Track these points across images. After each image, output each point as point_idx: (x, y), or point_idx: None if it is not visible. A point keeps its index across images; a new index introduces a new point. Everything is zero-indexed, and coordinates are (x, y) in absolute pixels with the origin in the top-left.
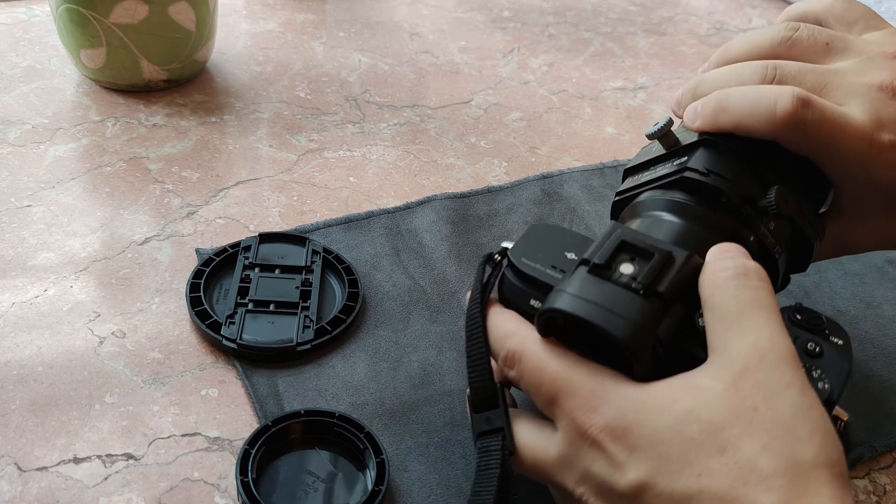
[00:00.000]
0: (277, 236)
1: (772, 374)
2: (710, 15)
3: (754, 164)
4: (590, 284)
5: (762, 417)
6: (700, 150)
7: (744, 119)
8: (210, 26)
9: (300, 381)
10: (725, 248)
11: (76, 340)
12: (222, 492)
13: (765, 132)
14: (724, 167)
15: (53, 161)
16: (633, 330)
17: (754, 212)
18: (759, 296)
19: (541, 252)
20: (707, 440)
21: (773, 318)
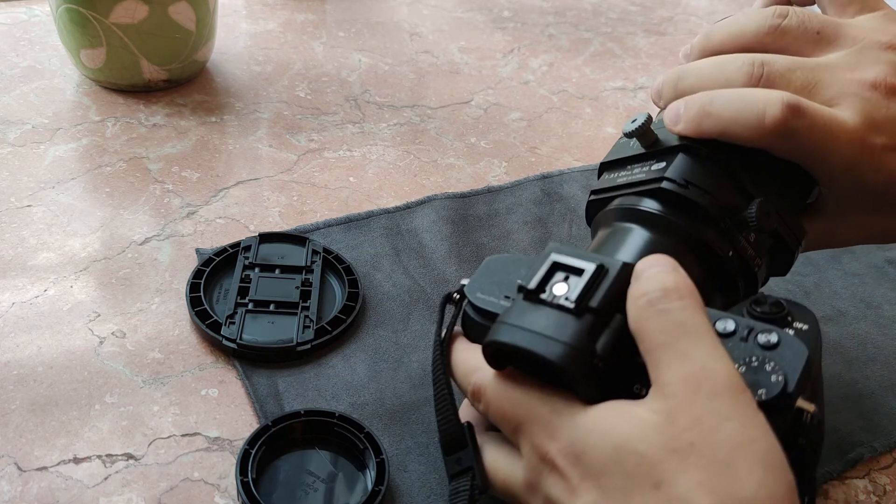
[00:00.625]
0: (277, 236)
1: (709, 407)
2: (710, 15)
3: (736, 172)
4: (525, 311)
5: (699, 452)
6: (679, 158)
7: (730, 126)
8: (210, 26)
9: (300, 381)
10: (644, 267)
11: (76, 340)
12: (222, 492)
13: (752, 140)
14: (703, 177)
15: (53, 161)
16: (567, 351)
17: (734, 224)
18: (683, 319)
19: (495, 284)
20: (642, 474)
21: (703, 342)
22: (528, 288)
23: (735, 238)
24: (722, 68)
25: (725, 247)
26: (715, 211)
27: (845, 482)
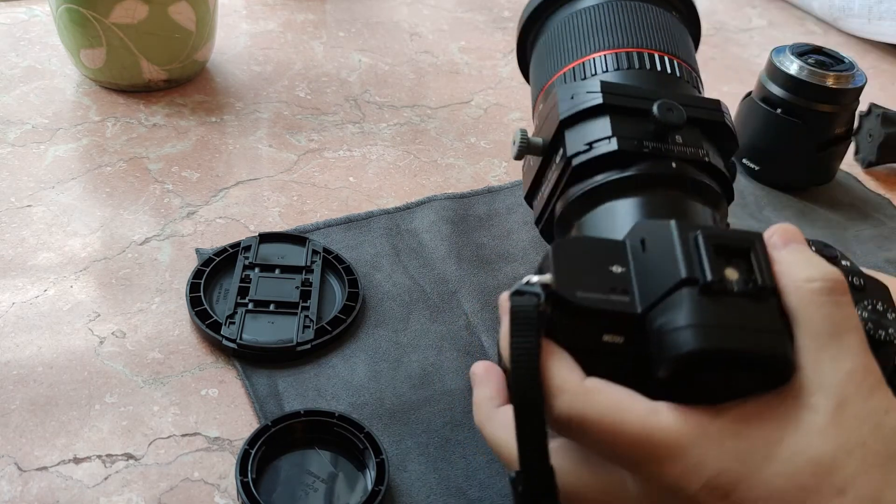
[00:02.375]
0: (277, 236)
1: (870, 404)
2: (710, 15)
3: (616, 110)
4: (712, 307)
5: (873, 451)
6: (566, 134)
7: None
8: (210, 26)
9: (300, 381)
10: (795, 242)
11: (76, 340)
12: (222, 492)
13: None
14: (596, 131)
15: (53, 161)
16: (782, 341)
17: (658, 142)
18: (849, 315)
19: (586, 277)
20: (823, 483)
21: (864, 341)
22: (708, 280)
23: (668, 150)
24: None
25: (667, 165)
26: (629, 144)
27: None
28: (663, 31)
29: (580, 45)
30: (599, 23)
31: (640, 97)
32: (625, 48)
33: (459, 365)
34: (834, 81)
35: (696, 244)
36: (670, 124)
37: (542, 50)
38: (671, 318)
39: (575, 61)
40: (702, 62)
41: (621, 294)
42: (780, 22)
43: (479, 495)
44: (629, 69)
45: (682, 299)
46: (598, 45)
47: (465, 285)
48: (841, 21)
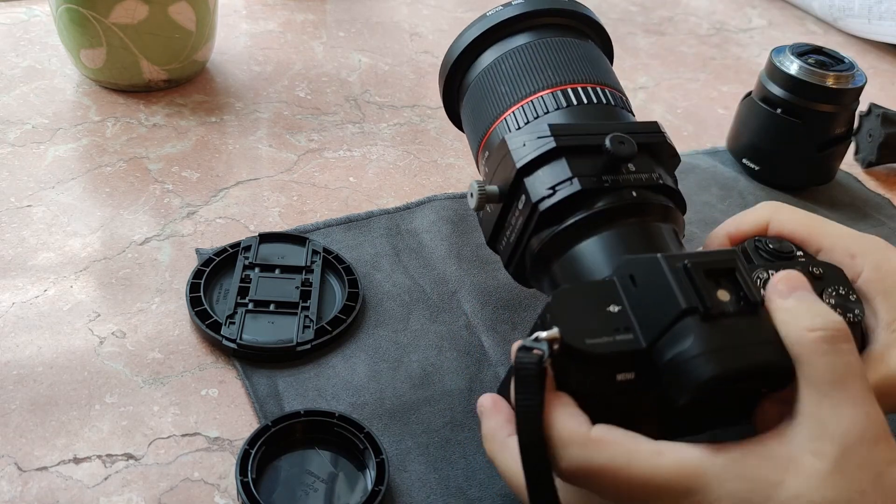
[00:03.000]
0: (277, 236)
1: (874, 453)
2: (710, 15)
3: (570, 150)
4: (716, 331)
5: (871, 500)
6: (525, 182)
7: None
8: (210, 26)
9: (300, 381)
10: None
11: (76, 340)
12: (222, 492)
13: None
14: (554, 175)
15: (53, 161)
16: (781, 350)
17: (614, 174)
18: (851, 362)
19: (589, 323)
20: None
21: (867, 389)
22: (708, 308)
23: (623, 181)
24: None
25: (628, 193)
26: (589, 182)
27: None
28: (587, 62)
29: (514, 90)
30: (527, 65)
31: (589, 133)
32: (558, 86)
33: (459, 365)
34: (834, 81)
35: (686, 273)
36: (623, 156)
37: (474, 98)
38: (682, 349)
39: (513, 106)
40: (702, 62)
41: (625, 332)
42: (780, 22)
43: (479, 495)
44: (567, 107)
45: (687, 329)
46: (532, 87)
47: (465, 285)
48: (841, 21)
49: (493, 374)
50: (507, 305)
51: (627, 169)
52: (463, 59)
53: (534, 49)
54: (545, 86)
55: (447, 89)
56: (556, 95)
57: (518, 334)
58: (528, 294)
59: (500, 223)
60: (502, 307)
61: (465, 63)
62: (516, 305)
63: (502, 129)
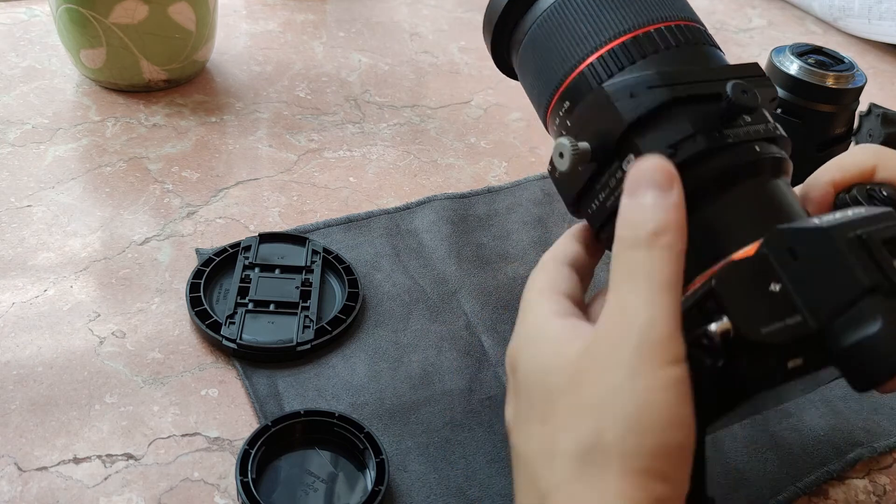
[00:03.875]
0: (277, 236)
1: (614, 351)
2: (710, 15)
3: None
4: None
5: (587, 392)
6: (640, 139)
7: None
8: (210, 26)
9: (300, 381)
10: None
11: (76, 340)
12: (222, 492)
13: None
14: (673, 129)
15: (53, 161)
16: None
17: (734, 127)
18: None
19: (758, 308)
20: (538, 409)
21: (649, 285)
22: (893, 283)
23: (745, 133)
24: None
25: (751, 147)
26: (715, 139)
27: (845, 482)
28: (647, 1)
29: (598, 30)
30: (603, 3)
31: (702, 80)
32: (650, 25)
33: (459, 365)
34: (834, 81)
35: (863, 246)
36: (747, 107)
37: (541, 40)
38: (870, 333)
39: (601, 49)
40: None
41: (792, 315)
42: (780, 22)
43: (479, 495)
44: (666, 49)
45: (873, 310)
46: (620, 26)
47: (465, 285)
48: (841, 21)
49: (493, 374)
50: (507, 305)
51: (744, 120)
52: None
53: None
54: (634, 25)
55: (498, 32)
56: (650, 35)
57: None
58: None
59: (590, 185)
60: (502, 307)
61: (518, 5)
62: (516, 305)
63: (591, 76)
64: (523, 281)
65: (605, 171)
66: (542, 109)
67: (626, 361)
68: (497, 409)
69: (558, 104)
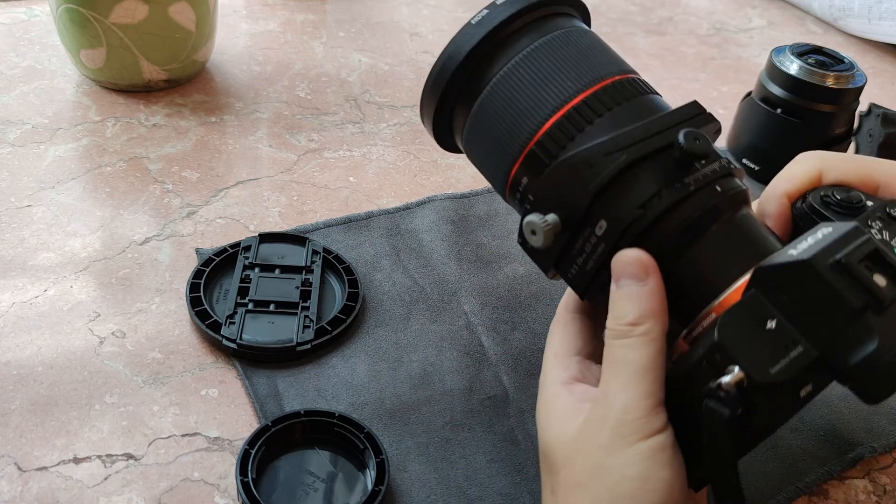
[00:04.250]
0: (277, 236)
1: (597, 433)
2: (710, 15)
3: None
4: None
5: (578, 470)
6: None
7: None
8: (210, 26)
9: (300, 381)
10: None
11: (76, 340)
12: (222, 492)
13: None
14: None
15: (53, 161)
16: None
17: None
18: (622, 353)
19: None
20: (548, 477)
21: (625, 373)
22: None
23: (703, 175)
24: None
25: (712, 189)
26: (679, 191)
27: (845, 482)
28: (601, 52)
29: (537, 106)
30: (548, 70)
31: (652, 135)
32: (586, 90)
33: (459, 365)
34: (834, 81)
35: (844, 270)
36: (701, 154)
37: (489, 117)
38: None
39: (545, 125)
40: (702, 62)
41: (794, 346)
42: (780, 22)
43: (479, 495)
44: (608, 110)
45: (868, 328)
46: (563, 95)
47: (465, 285)
48: (841, 21)
49: (493, 374)
50: (507, 305)
51: (700, 163)
52: (459, 73)
53: (547, 51)
54: (574, 92)
55: (440, 111)
56: (592, 100)
57: (518, 334)
58: (529, 294)
59: (566, 251)
60: (502, 307)
61: (462, 78)
62: (516, 305)
63: (543, 150)
64: (523, 281)
65: (579, 238)
66: (500, 186)
67: (606, 442)
68: (497, 408)
69: (516, 180)
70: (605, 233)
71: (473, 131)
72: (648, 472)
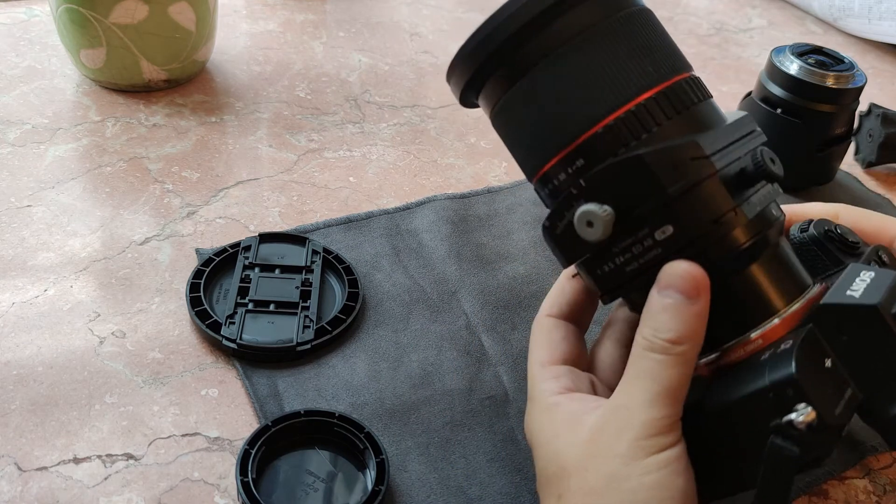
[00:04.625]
0: (277, 236)
1: (615, 442)
2: (710, 15)
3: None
4: None
5: (592, 477)
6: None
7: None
8: (210, 26)
9: (300, 381)
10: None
11: (76, 340)
12: (222, 492)
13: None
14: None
15: (53, 161)
16: None
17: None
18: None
19: (827, 390)
20: (555, 483)
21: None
22: None
23: (765, 195)
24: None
25: (774, 210)
26: (753, 209)
27: (845, 482)
28: (668, 42)
29: (614, 85)
30: (614, 55)
31: (727, 146)
32: (666, 81)
33: (459, 365)
34: (834, 81)
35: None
36: (774, 176)
37: (544, 88)
38: None
39: (620, 109)
40: (702, 62)
41: (845, 387)
42: (780, 22)
43: (479, 494)
44: (686, 109)
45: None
46: (638, 83)
47: (465, 285)
48: (841, 21)
49: (493, 374)
50: (507, 305)
51: (761, 183)
52: (518, 37)
53: (626, 29)
54: (655, 80)
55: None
56: (672, 93)
57: (518, 334)
58: (528, 294)
59: (606, 248)
60: (502, 307)
61: (517, 44)
62: (516, 305)
63: (615, 135)
64: (523, 281)
65: (628, 237)
66: (538, 162)
67: (624, 451)
68: (497, 408)
69: (568, 160)
70: (668, 239)
71: (517, 101)
72: (665, 480)
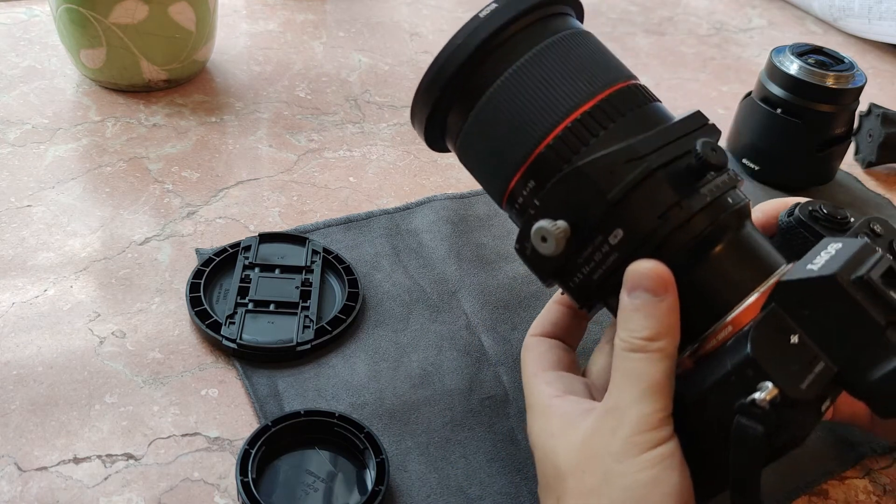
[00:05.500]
0: (277, 236)
1: (608, 442)
2: (710, 15)
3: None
4: None
5: (588, 478)
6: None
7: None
8: (210, 26)
9: (300, 381)
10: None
11: (76, 340)
12: (222, 492)
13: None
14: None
15: (53, 161)
16: None
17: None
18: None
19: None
20: (553, 486)
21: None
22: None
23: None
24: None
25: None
26: (699, 200)
27: (845, 482)
28: (611, 56)
29: (549, 107)
30: (555, 73)
31: (667, 144)
32: (599, 95)
33: (459, 365)
34: (834, 81)
35: (868, 287)
36: (717, 164)
37: (491, 120)
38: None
39: (557, 127)
40: (702, 62)
41: (816, 362)
42: (780, 22)
43: (479, 494)
44: (622, 116)
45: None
46: (570, 101)
47: (465, 285)
48: (841, 21)
49: (493, 373)
50: (507, 305)
51: (711, 174)
52: (461, 73)
53: (557, 52)
54: (591, 93)
55: (435, 111)
56: (605, 105)
57: (518, 334)
58: (528, 294)
59: (571, 261)
60: (502, 307)
61: (462, 78)
62: (516, 305)
63: (556, 152)
64: (523, 281)
65: (588, 246)
66: (499, 188)
67: (617, 450)
68: (497, 408)
69: (522, 182)
70: (621, 242)
71: (473, 133)
72: (660, 475)
